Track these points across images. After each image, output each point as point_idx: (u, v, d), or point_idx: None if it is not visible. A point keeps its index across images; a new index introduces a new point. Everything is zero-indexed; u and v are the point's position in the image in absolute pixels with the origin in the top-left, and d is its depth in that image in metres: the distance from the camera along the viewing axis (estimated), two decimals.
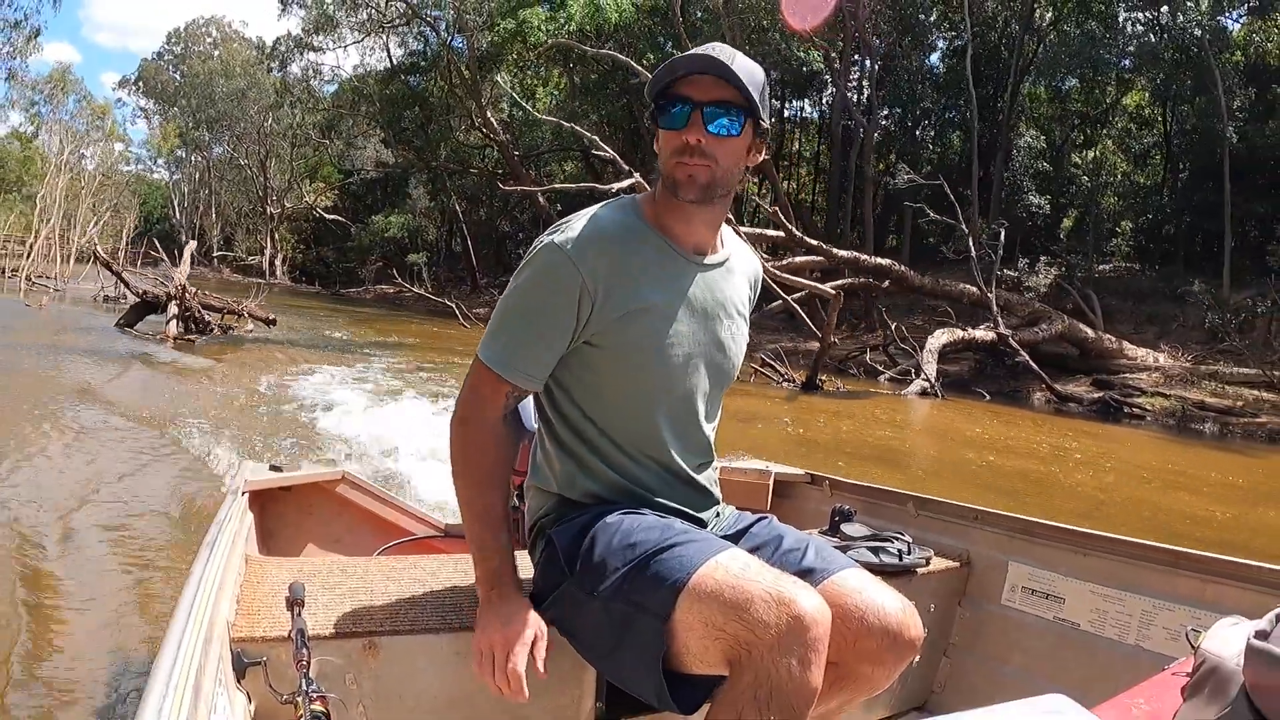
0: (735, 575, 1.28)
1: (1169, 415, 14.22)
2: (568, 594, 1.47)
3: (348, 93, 39.15)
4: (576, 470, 1.56)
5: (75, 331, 14.22)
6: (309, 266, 47.71)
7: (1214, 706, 1.02)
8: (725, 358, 1.60)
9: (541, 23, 25.63)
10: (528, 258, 1.48)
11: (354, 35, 34.63)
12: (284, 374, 10.93)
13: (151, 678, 1.06)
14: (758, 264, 1.75)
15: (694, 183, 1.46)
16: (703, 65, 1.43)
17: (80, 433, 6.42)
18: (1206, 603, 1.90)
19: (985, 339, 16.35)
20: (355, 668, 1.50)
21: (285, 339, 15.66)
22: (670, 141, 1.46)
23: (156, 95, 58.04)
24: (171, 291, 14.36)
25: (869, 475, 6.78)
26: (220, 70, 50.71)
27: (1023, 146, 24.91)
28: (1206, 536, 6.33)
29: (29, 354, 10.73)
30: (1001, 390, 16.12)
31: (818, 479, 2.87)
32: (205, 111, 50.67)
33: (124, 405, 7.74)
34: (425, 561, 1.94)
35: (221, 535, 1.76)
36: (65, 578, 3.67)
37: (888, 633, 1.40)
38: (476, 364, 1.50)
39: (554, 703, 1.63)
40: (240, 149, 50.38)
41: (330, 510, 2.72)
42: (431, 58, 33.18)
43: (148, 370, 10.64)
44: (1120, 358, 17.21)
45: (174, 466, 5.72)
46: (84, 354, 11.14)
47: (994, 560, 2.30)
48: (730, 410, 1.94)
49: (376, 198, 44.92)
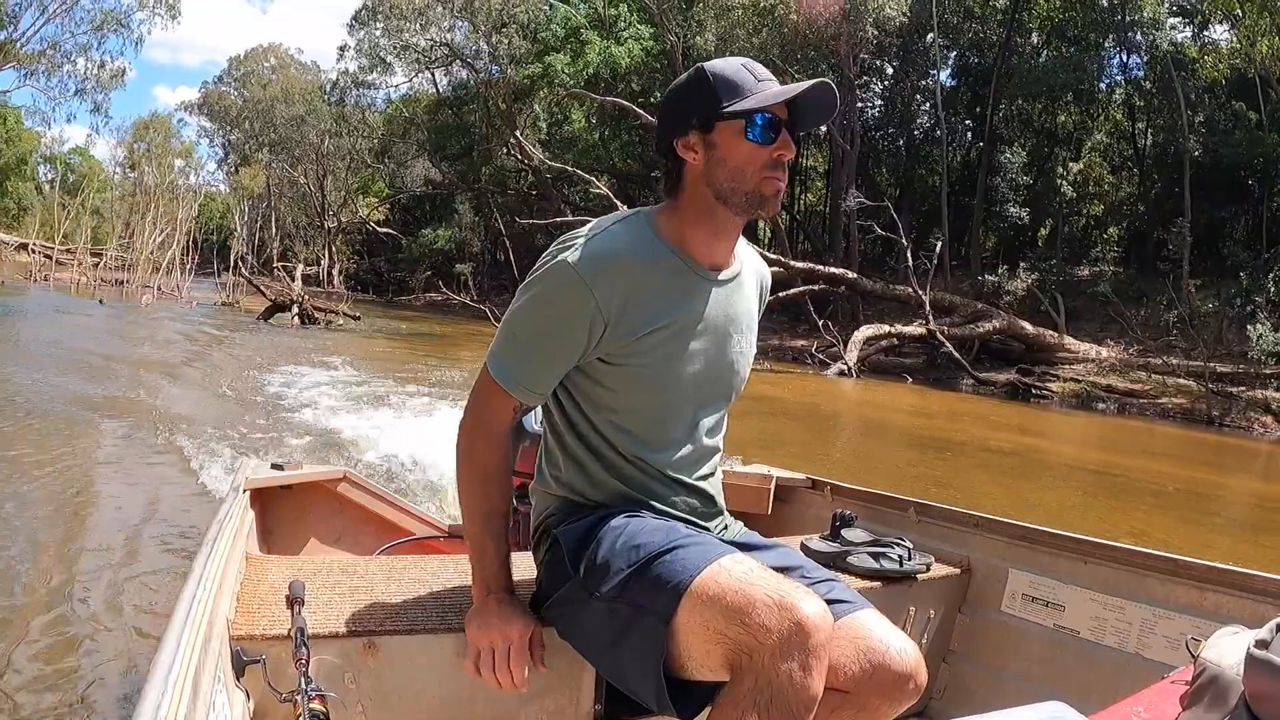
0: (738, 579, 1.28)
1: (1073, 396, 17.17)
2: (571, 594, 1.46)
3: (399, 120, 42.97)
4: (582, 476, 1.55)
5: (236, 323, 21.42)
6: (362, 276, 50.18)
7: (1214, 715, 1.01)
8: (734, 373, 1.59)
9: (564, 67, 29.04)
10: (539, 272, 1.44)
11: (404, 74, 38.54)
12: (365, 345, 17.88)
13: (150, 674, 1.05)
14: (766, 270, 1.72)
15: (779, 198, 1.47)
16: (823, 89, 1.42)
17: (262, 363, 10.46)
18: (1206, 612, 1.90)
19: (915, 334, 19.64)
20: (355, 667, 1.50)
21: (366, 327, 22.95)
22: (758, 156, 1.42)
23: (219, 118, 61.97)
24: (294, 297, 22.96)
25: (780, 421, 10.30)
26: (280, 96, 54.42)
27: (1002, 162, 27.65)
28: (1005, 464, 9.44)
29: (241, 337, 17.56)
30: (941, 377, 19.23)
31: (819, 484, 2.85)
32: (267, 135, 54.43)
33: (291, 351, 14.06)
34: (426, 562, 1.94)
35: (222, 533, 1.74)
36: (94, 546, 4.00)
37: (905, 674, 1.41)
38: (485, 376, 1.49)
39: (553, 704, 1.63)
40: (299, 168, 53.84)
41: (331, 509, 2.73)
42: (472, 91, 36.99)
43: (286, 338, 18.31)
44: (1061, 350, 20.06)
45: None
46: (260, 333, 19.01)
47: (994, 567, 2.30)
48: None
49: (425, 211, 47.94)
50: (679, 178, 1.48)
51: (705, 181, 1.45)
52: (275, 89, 55.54)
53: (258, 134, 55.49)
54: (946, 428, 12.39)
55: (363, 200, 52.10)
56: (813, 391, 15.93)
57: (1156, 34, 25.79)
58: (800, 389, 16.00)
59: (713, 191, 1.44)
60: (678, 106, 1.47)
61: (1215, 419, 15.60)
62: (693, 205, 1.47)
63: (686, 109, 1.45)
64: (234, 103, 59.74)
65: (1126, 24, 26.18)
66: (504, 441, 1.51)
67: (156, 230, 37.55)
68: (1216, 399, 16.16)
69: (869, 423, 12.89)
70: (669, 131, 1.47)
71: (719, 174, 1.43)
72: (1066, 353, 20.03)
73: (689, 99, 1.45)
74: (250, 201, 50.12)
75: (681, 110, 1.46)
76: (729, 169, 1.42)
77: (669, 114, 1.49)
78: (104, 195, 50.41)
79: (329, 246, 51.00)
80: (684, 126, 1.45)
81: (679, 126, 1.45)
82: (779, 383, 16.12)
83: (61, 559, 3.80)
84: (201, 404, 8.53)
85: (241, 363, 12.35)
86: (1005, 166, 27.25)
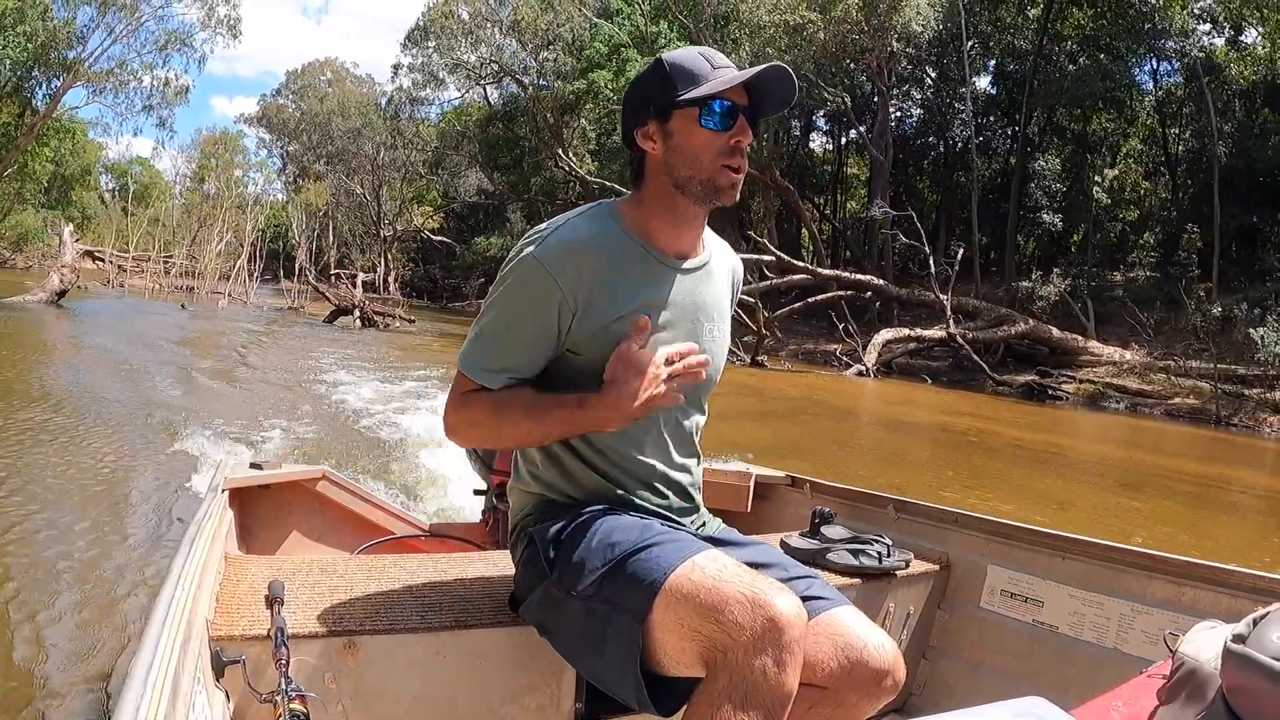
0: (711, 576, 1.28)
1: (1086, 397, 18.02)
2: (548, 593, 1.46)
3: (451, 133, 44.82)
4: (558, 472, 1.55)
5: (305, 325, 23.83)
6: (417, 283, 51.83)
7: (1191, 709, 1.02)
8: (707, 361, 1.54)
9: (608, 83, 30.40)
10: (507, 268, 1.46)
11: (457, 89, 40.43)
12: (421, 344, 20.25)
13: (129, 676, 1.04)
14: (737, 261, 1.72)
15: (737, 186, 1.47)
16: (778, 74, 1.42)
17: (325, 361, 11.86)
18: (1184, 607, 1.92)
19: (935, 337, 20.73)
20: (335, 667, 1.50)
21: (421, 330, 25.45)
22: (714, 142, 1.42)
23: (277, 130, 64.13)
24: (355, 302, 25.56)
25: (784, 412, 11.54)
26: (337, 110, 55.77)
27: (1037, 169, 28.26)
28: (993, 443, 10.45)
29: (299, 332, 20.59)
30: (963, 379, 20.21)
31: (798, 481, 2.85)
32: (324, 147, 56.05)
33: (346, 350, 15.73)
34: (406, 561, 1.93)
35: (200, 533, 1.72)
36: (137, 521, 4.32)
37: (883, 670, 1.42)
38: (458, 379, 1.51)
39: (534, 702, 1.64)
40: (355, 179, 55.11)
41: (310, 508, 2.71)
42: (522, 105, 38.75)
43: (350, 335, 21.56)
44: (1085, 354, 20.81)
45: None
46: (323, 333, 21.60)
47: (973, 563, 2.31)
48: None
49: (478, 220, 49.37)
50: (641, 168, 1.51)
51: (665, 171, 1.47)
52: (332, 102, 56.63)
53: (315, 146, 57.00)
54: (946, 421, 13.49)
55: (417, 209, 53.28)
56: (825, 389, 17.15)
57: (1186, 41, 26.24)
58: (814, 386, 17.37)
59: (671, 180, 1.47)
60: (637, 98, 1.49)
61: (1224, 419, 16.34)
62: (655, 195, 1.50)
63: (644, 100, 1.47)
64: (292, 115, 61.07)
65: (1157, 31, 26.64)
66: (486, 416, 1.53)
67: (220, 240, 39.82)
68: (1227, 400, 16.86)
69: (855, 414, 14.26)
70: (630, 123, 1.50)
71: (677, 162, 1.45)
72: (1090, 356, 20.77)
73: (647, 89, 1.47)
74: (309, 212, 52.02)
75: (640, 101, 1.48)
76: (685, 156, 1.44)
77: (629, 106, 1.51)
78: (165, 205, 52.73)
79: (385, 254, 52.07)
80: (642, 117, 1.47)
81: (638, 117, 1.48)
82: (794, 380, 17.68)
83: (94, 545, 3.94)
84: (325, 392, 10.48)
85: (339, 359, 14.78)
86: (1040, 173, 27.85)
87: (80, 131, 41.72)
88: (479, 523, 2.74)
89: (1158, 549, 2.04)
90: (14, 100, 33.59)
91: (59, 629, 3.03)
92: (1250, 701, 0.93)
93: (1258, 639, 0.96)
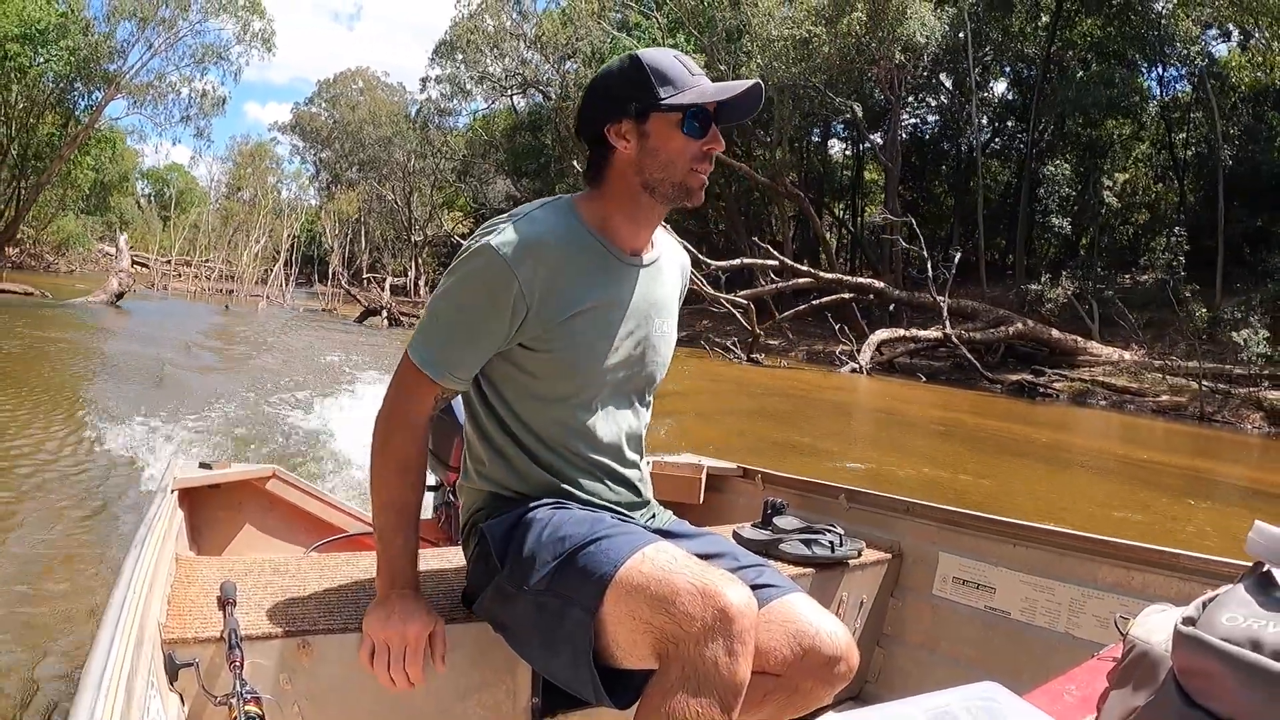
0: (661, 568, 1.28)
1: (1073, 394, 18.86)
2: (499, 589, 1.46)
3: (479, 142, 46.26)
4: (507, 468, 1.55)
5: (339, 325, 25.65)
6: None
7: (1143, 691, 1.03)
8: (656, 357, 1.60)
9: None
10: (463, 256, 1.44)
11: (484, 99, 41.91)
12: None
13: (82, 681, 1.03)
14: (686, 257, 1.74)
15: (704, 189, 1.48)
16: (755, 92, 1.44)
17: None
18: (1134, 590, 1.95)
19: (930, 337, 21.71)
20: (289, 667, 1.48)
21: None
22: (689, 148, 1.43)
23: (310, 138, 65.49)
24: (383, 303, 28.13)
25: (785, 401, 12.63)
26: (368, 118, 56.68)
27: (1047, 174, 28.82)
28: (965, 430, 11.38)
29: (333, 331, 21.96)
30: (959, 378, 21.09)
31: (750, 472, 2.87)
32: (356, 154, 57.23)
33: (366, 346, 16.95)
34: (359, 559, 1.91)
35: (150, 534, 1.69)
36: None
37: (835, 656, 1.43)
38: (406, 363, 1.47)
39: (490, 699, 1.63)
40: (386, 185, 56.03)
41: (261, 507, 2.69)
42: (547, 114, 40.06)
43: (377, 336, 22.56)
44: (1083, 354, 21.57)
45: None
46: (353, 332, 23.17)
47: (925, 551, 2.34)
48: (703, 369, 4.57)
49: None
50: (605, 164, 1.48)
51: (635, 170, 1.45)
52: (363, 111, 57.77)
53: (348, 154, 58.16)
54: (921, 412, 14.58)
55: (447, 215, 54.66)
56: (811, 384, 18.17)
57: (1191, 48, 26.80)
58: (804, 382, 18.36)
59: (641, 180, 1.45)
60: (610, 94, 1.46)
61: (1207, 415, 17.12)
62: (618, 192, 1.48)
63: (622, 97, 1.44)
64: (324, 123, 62.05)
65: (1163, 39, 27.23)
66: (423, 433, 1.49)
67: (258, 243, 41.49)
68: (1212, 397, 17.61)
69: (844, 406, 15.40)
70: (601, 117, 1.46)
71: (649, 164, 1.44)
72: (1089, 356, 21.53)
73: (624, 87, 1.44)
74: (342, 220, 53.48)
75: (616, 97, 1.44)
76: (660, 159, 1.43)
77: (601, 100, 1.47)
78: (201, 211, 54.18)
79: (416, 259, 52.85)
80: (618, 114, 1.44)
81: (612, 113, 1.44)
82: (785, 376, 18.87)
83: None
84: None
85: (370, 349, 16.29)
86: (1050, 178, 28.46)
87: (119, 140, 43.29)
88: (431, 519, 2.71)
89: (1109, 534, 2.08)
90: (58, 111, 35.04)
91: (6, 628, 2.97)
92: (1201, 683, 0.93)
93: (1208, 621, 0.96)
